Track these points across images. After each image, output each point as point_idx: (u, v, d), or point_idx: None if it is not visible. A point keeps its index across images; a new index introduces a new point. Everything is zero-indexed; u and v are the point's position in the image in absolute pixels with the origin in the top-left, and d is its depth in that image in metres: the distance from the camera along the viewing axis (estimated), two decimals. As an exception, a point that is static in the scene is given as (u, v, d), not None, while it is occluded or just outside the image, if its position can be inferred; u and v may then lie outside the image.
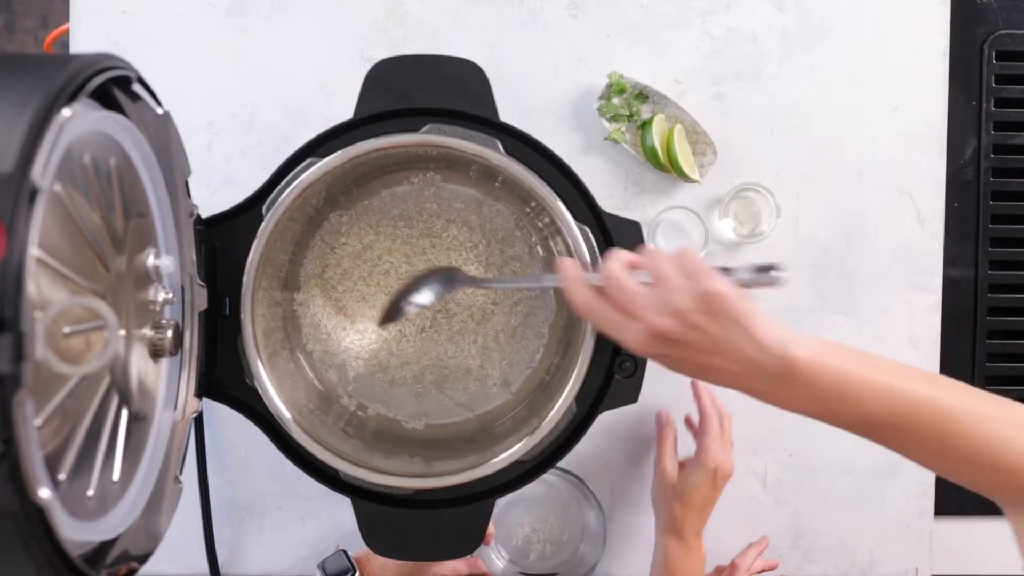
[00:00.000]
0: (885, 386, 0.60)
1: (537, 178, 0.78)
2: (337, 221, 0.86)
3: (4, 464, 0.45)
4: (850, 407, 0.60)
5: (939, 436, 0.60)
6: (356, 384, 0.88)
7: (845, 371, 0.60)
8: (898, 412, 0.60)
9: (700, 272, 0.60)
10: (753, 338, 0.59)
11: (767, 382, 0.61)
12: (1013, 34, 1.00)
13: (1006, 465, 0.58)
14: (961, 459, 0.60)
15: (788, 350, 0.59)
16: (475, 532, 0.79)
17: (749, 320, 0.59)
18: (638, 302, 0.61)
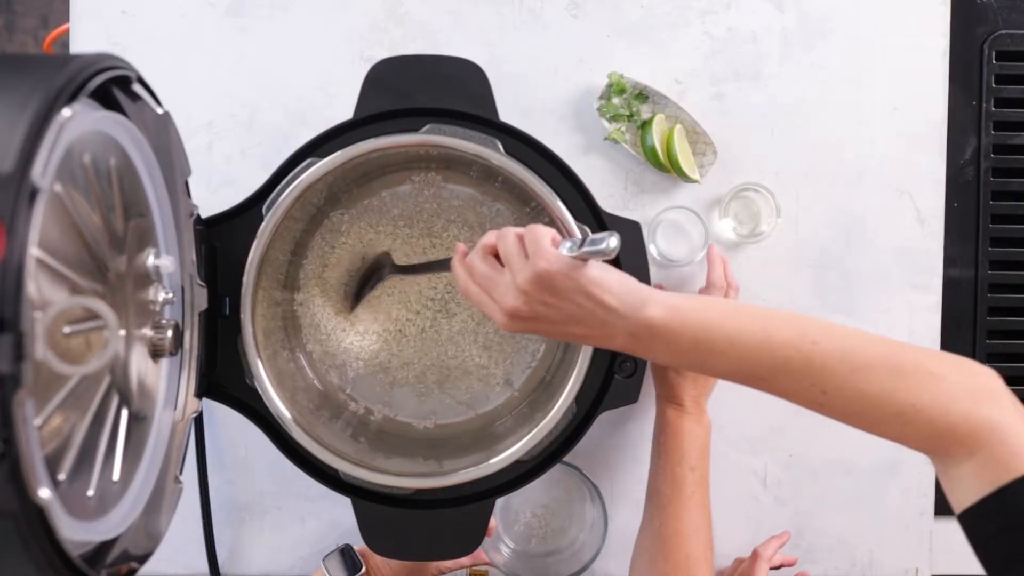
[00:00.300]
0: (753, 340, 0.60)
1: (537, 178, 0.78)
2: (337, 220, 0.86)
3: (4, 464, 0.45)
4: (718, 360, 0.61)
5: (816, 389, 0.60)
6: (356, 384, 0.88)
7: (708, 326, 0.61)
8: (769, 365, 0.60)
9: (535, 250, 0.62)
10: (604, 305, 0.61)
11: (629, 342, 0.63)
12: (1013, 34, 1.00)
13: (892, 419, 0.58)
14: (841, 410, 0.60)
15: (640, 312, 0.61)
16: (475, 532, 0.79)
17: (592, 289, 0.61)
18: (491, 284, 0.65)
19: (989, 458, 0.55)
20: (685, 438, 0.84)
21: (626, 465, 0.97)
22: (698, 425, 0.85)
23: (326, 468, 0.79)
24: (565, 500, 0.97)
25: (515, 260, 0.63)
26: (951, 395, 0.57)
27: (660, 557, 0.82)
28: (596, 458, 0.97)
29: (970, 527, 0.56)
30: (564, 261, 0.61)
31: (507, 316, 0.64)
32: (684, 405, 0.85)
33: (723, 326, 0.61)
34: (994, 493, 0.54)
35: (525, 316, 0.64)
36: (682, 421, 0.85)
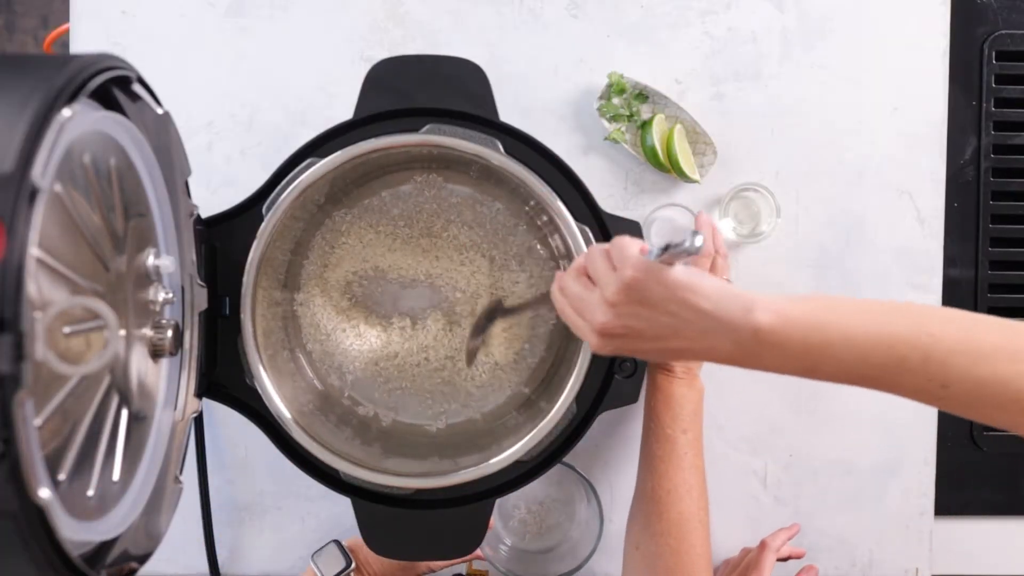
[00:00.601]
0: (867, 339, 0.57)
1: (537, 178, 0.78)
2: (338, 220, 0.86)
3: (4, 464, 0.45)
4: (831, 364, 0.58)
5: (935, 383, 0.57)
6: (356, 385, 0.88)
7: (820, 327, 0.57)
8: (885, 364, 0.57)
9: (622, 260, 0.59)
10: (701, 312, 0.57)
11: (734, 351, 0.58)
12: (1013, 34, 1.00)
13: (1010, 405, 0.55)
14: (962, 402, 0.57)
15: (746, 319, 0.57)
16: (475, 532, 0.79)
17: (685, 295, 0.57)
18: (582, 304, 0.62)
19: None
20: (676, 402, 0.83)
21: (626, 465, 0.97)
22: (690, 389, 0.83)
23: (326, 468, 0.79)
24: (561, 498, 0.98)
25: (603, 274, 0.60)
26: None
27: (654, 516, 0.80)
28: (596, 458, 0.97)
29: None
30: (651, 266, 0.57)
31: (598, 335, 0.61)
32: (674, 371, 0.84)
33: (835, 325, 0.57)
34: None
35: (618, 332, 0.60)
36: (673, 386, 0.83)
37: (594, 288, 0.61)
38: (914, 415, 0.96)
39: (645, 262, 0.57)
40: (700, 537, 0.80)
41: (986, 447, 0.98)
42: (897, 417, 0.96)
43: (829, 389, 0.96)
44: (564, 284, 0.64)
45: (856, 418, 0.97)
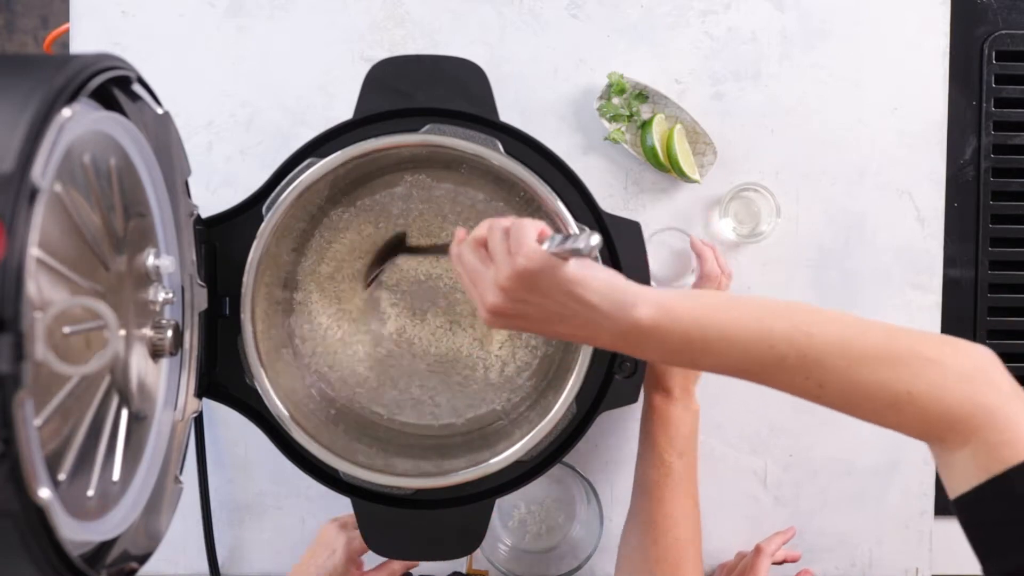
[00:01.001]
0: (746, 336, 0.59)
1: (537, 178, 0.78)
2: (337, 220, 0.86)
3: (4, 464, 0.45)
4: (711, 358, 0.60)
5: (811, 382, 0.59)
6: (356, 384, 0.88)
7: (700, 324, 0.59)
8: (764, 362, 0.59)
9: (518, 245, 0.60)
10: (588, 305, 0.60)
11: (617, 341, 0.61)
12: (1013, 34, 1.00)
13: (886, 410, 0.57)
14: (839, 402, 0.59)
15: (628, 313, 0.59)
16: (475, 532, 0.79)
17: (574, 288, 0.59)
18: (476, 277, 0.64)
19: (984, 445, 0.55)
20: (672, 425, 0.82)
21: (626, 465, 0.97)
22: (686, 411, 0.83)
23: (326, 468, 0.79)
24: (561, 498, 0.98)
25: (499, 256, 0.61)
26: (946, 381, 0.56)
27: (649, 541, 0.80)
28: (596, 458, 0.97)
29: (964, 513, 0.56)
30: (544, 258, 0.59)
31: (488, 312, 0.63)
32: (672, 392, 0.83)
33: (716, 323, 0.59)
34: (989, 482, 0.54)
35: (507, 313, 0.62)
36: (670, 408, 0.82)
37: (490, 264, 0.63)
38: (914, 415, 0.96)
39: (540, 254, 0.59)
40: (694, 563, 0.80)
41: (986, 447, 0.98)
42: (897, 417, 0.96)
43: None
44: (462, 252, 0.65)
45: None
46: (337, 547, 0.85)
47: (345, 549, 0.85)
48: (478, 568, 0.96)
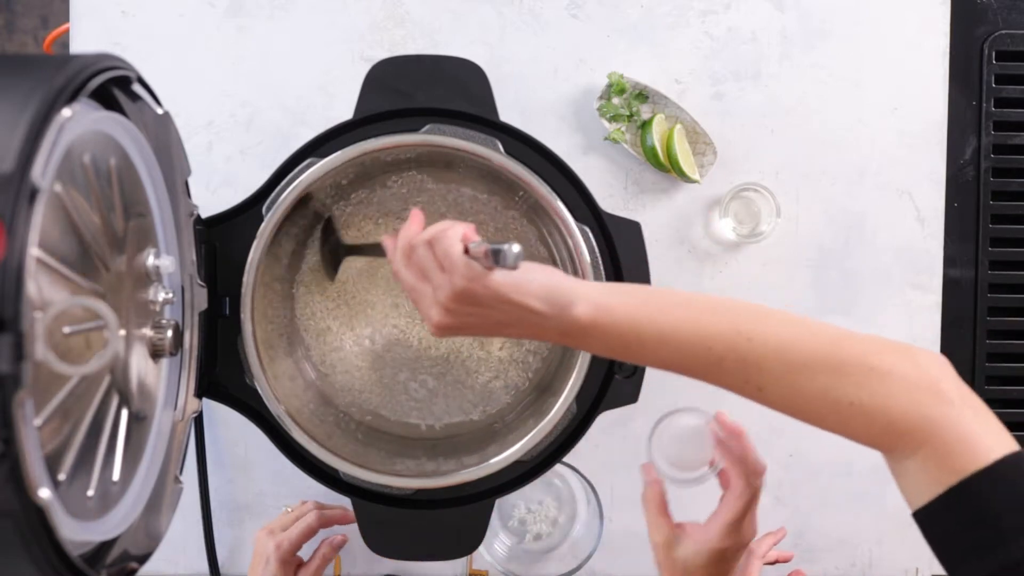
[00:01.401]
0: (684, 337, 0.59)
1: (537, 178, 0.78)
2: (338, 220, 0.86)
3: (4, 464, 0.45)
4: (650, 356, 0.60)
5: (751, 385, 0.59)
6: (356, 384, 0.88)
7: (637, 323, 0.59)
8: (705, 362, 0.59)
9: (449, 264, 0.61)
10: (529, 310, 0.60)
11: (562, 338, 0.62)
12: (1013, 34, 1.00)
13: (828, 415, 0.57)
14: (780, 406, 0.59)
15: (567, 313, 0.60)
16: (475, 532, 0.79)
17: (513, 296, 0.60)
18: (416, 295, 0.65)
19: (933, 456, 0.54)
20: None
21: (626, 465, 0.97)
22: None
23: (326, 468, 0.79)
24: (561, 498, 0.98)
25: (433, 275, 0.62)
26: (891, 391, 0.55)
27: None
28: (596, 458, 0.97)
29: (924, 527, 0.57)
30: (479, 274, 0.60)
31: (436, 328, 0.64)
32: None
33: (653, 322, 0.59)
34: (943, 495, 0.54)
35: (454, 327, 0.63)
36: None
37: (426, 283, 0.64)
38: (914, 415, 0.96)
39: (472, 270, 0.60)
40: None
41: (986, 447, 0.98)
42: (897, 417, 0.96)
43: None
44: (399, 271, 0.66)
45: (856, 418, 0.96)
46: (269, 554, 0.85)
47: (276, 554, 0.84)
48: (478, 568, 0.96)
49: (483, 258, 0.58)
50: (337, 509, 0.89)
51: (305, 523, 0.86)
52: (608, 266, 0.79)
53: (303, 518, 0.86)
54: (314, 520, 0.86)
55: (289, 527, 0.86)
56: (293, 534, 0.85)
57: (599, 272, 0.78)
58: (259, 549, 0.86)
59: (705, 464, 0.71)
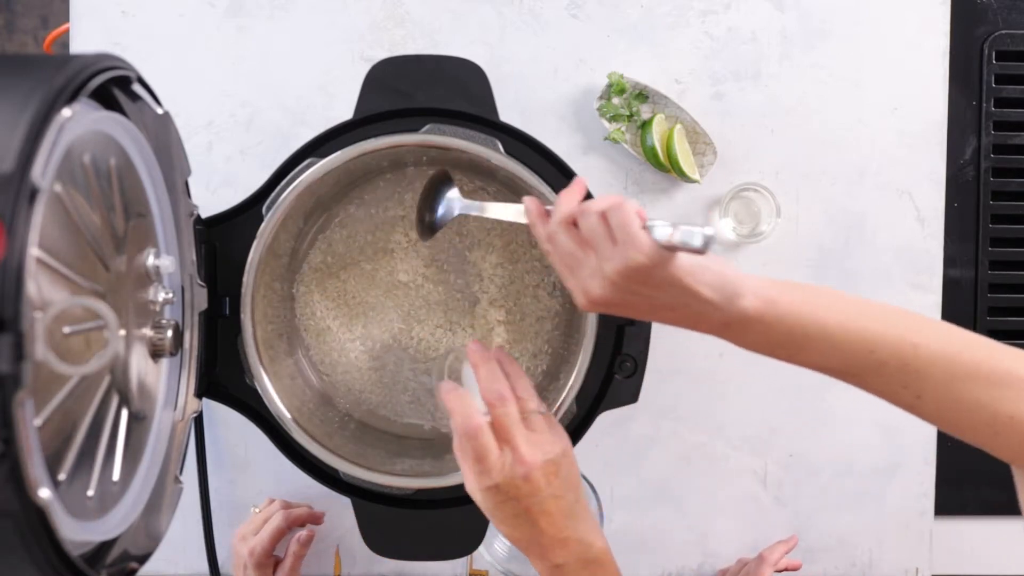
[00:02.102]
0: (850, 338, 0.58)
1: (537, 178, 0.78)
2: (338, 220, 0.86)
3: (4, 464, 0.45)
4: (811, 355, 0.59)
5: (909, 392, 0.58)
6: (357, 384, 0.88)
7: (803, 318, 0.58)
8: (864, 365, 0.58)
9: (625, 238, 0.58)
10: (697, 297, 0.58)
11: (720, 330, 0.61)
12: (1013, 34, 1.00)
13: (982, 427, 0.57)
14: (934, 415, 0.59)
15: (734, 304, 0.58)
16: (475, 532, 0.79)
17: (687, 280, 0.58)
18: (574, 263, 0.61)
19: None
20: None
21: (626, 465, 0.97)
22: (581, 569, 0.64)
23: (326, 468, 0.79)
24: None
25: (603, 246, 0.59)
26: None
27: None
28: (596, 458, 0.97)
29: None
30: (661, 255, 0.57)
31: (591, 302, 0.61)
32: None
33: (817, 320, 0.58)
34: None
35: (612, 303, 0.60)
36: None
37: (589, 252, 0.60)
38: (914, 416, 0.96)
39: (652, 247, 0.57)
40: None
41: (986, 447, 0.98)
42: (897, 417, 0.96)
43: (830, 389, 0.96)
44: (555, 236, 0.62)
45: (856, 418, 0.97)
46: (244, 559, 0.86)
47: (250, 560, 0.86)
48: (478, 568, 0.97)
49: (667, 243, 0.56)
50: (303, 507, 0.91)
51: (273, 525, 0.87)
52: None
53: (270, 520, 0.88)
54: (281, 521, 0.88)
55: (259, 528, 0.87)
56: (264, 537, 0.87)
57: (599, 272, 0.78)
58: (236, 556, 0.88)
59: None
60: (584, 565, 0.62)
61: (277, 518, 0.88)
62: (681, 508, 0.97)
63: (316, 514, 0.92)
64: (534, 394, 0.64)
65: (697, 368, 0.96)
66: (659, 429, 0.97)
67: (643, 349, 0.79)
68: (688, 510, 0.97)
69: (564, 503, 0.62)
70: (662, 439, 0.97)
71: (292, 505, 0.92)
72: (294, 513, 0.90)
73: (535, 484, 0.61)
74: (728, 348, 0.96)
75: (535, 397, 0.64)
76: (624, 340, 0.79)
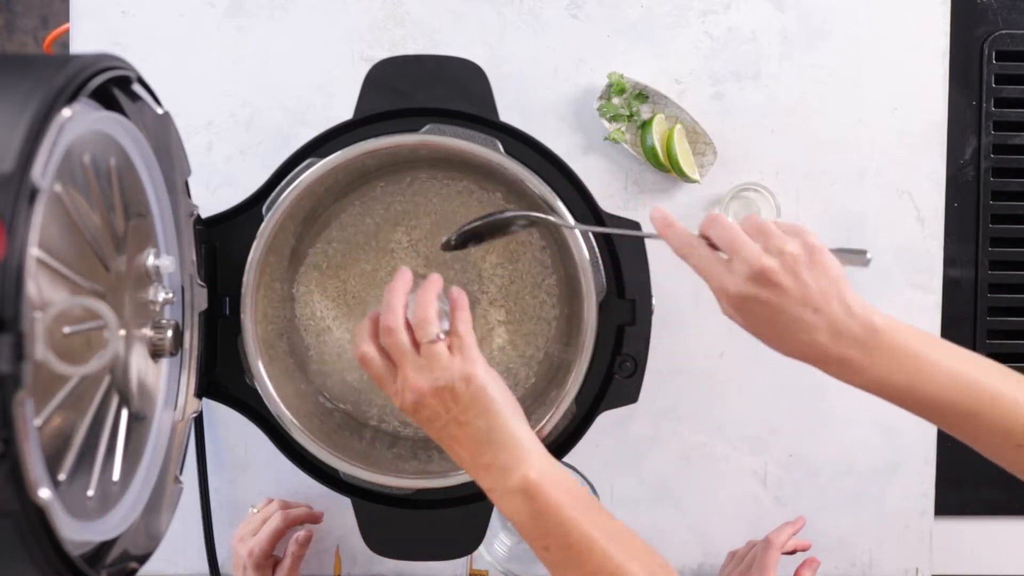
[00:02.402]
0: (959, 373, 0.61)
1: (537, 178, 0.78)
2: (338, 220, 0.86)
3: (4, 464, 0.45)
4: (925, 384, 0.61)
5: (1012, 440, 0.60)
6: (357, 384, 0.88)
7: (921, 348, 0.61)
8: (971, 405, 0.61)
9: (802, 230, 0.62)
10: (843, 298, 0.61)
11: (850, 347, 0.61)
12: (1013, 34, 1.00)
13: None
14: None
15: (872, 317, 0.61)
16: (475, 532, 0.79)
17: (842, 282, 0.61)
18: (741, 240, 0.62)
19: None
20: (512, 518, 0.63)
21: (626, 465, 0.97)
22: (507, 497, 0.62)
23: (326, 468, 0.79)
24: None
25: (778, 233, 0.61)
26: None
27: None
28: (596, 458, 0.97)
29: None
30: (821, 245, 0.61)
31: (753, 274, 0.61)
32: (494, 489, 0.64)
33: (936, 351, 0.62)
34: None
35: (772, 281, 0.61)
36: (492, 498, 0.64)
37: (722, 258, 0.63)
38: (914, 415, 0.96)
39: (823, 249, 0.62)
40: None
41: (986, 447, 0.98)
42: (897, 417, 0.96)
43: (829, 389, 0.96)
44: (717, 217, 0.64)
45: (856, 418, 0.97)
46: (244, 560, 0.87)
47: (249, 561, 0.86)
48: (478, 568, 0.97)
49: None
50: (302, 507, 0.91)
51: (272, 526, 0.88)
52: (608, 266, 0.79)
53: (269, 521, 0.88)
54: (280, 522, 0.88)
55: (258, 529, 0.87)
56: (262, 538, 0.87)
57: (598, 272, 0.78)
58: (236, 559, 0.88)
59: None
60: (509, 493, 0.61)
61: (276, 519, 0.88)
62: (681, 508, 0.97)
63: (315, 514, 0.93)
64: (436, 321, 0.64)
65: (697, 368, 0.96)
66: (659, 429, 0.97)
67: (643, 349, 0.79)
68: (688, 510, 0.97)
69: (472, 429, 0.62)
70: (662, 439, 0.97)
71: (291, 505, 0.92)
72: (292, 513, 0.90)
73: (432, 409, 0.62)
74: (728, 348, 0.97)
75: (434, 323, 0.63)
76: (624, 340, 0.79)
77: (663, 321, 0.95)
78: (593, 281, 0.77)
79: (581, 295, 0.78)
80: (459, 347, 0.64)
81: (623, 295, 0.79)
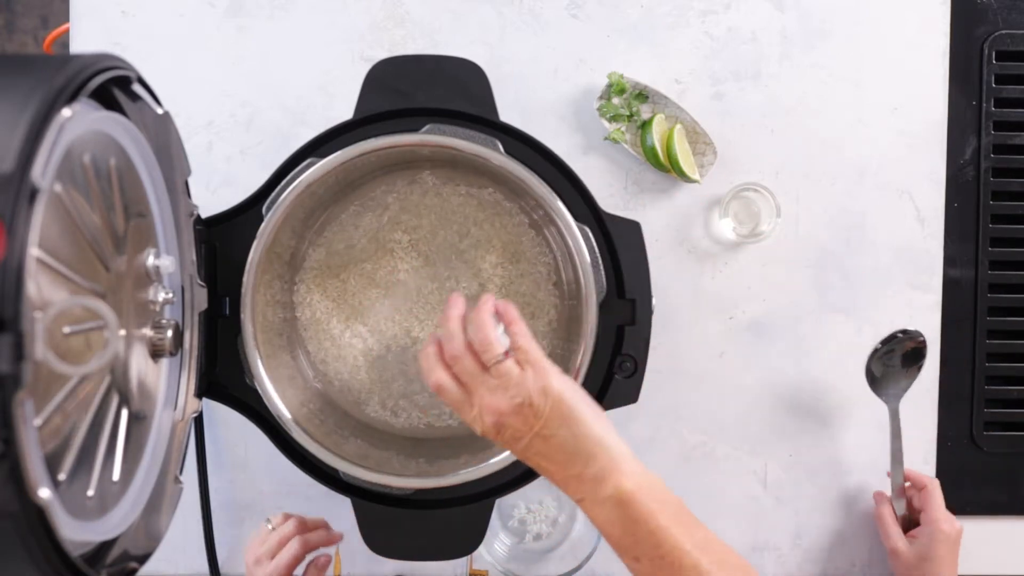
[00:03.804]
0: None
1: (537, 178, 0.78)
2: (339, 220, 0.86)
3: (4, 464, 0.45)
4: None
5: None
6: (356, 384, 0.88)
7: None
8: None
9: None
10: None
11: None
12: (1013, 34, 1.00)
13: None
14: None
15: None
16: (475, 532, 0.79)
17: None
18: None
19: None
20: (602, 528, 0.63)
21: (626, 465, 0.97)
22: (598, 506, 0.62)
23: (326, 468, 0.79)
24: (561, 498, 0.98)
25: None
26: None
27: None
28: (596, 458, 0.97)
29: None
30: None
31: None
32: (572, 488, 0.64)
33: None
34: None
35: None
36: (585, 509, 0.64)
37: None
38: (914, 415, 0.96)
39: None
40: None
41: (986, 447, 0.98)
42: (897, 417, 0.96)
43: (829, 389, 0.96)
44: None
45: (856, 418, 0.97)
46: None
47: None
48: (478, 568, 0.97)
49: None
50: (320, 531, 0.86)
51: (291, 552, 0.83)
52: (608, 266, 0.79)
53: (287, 547, 0.83)
54: (299, 548, 0.83)
55: (275, 552, 0.83)
56: (280, 565, 0.83)
57: (599, 272, 0.78)
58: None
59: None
60: (601, 503, 0.61)
61: (294, 545, 0.83)
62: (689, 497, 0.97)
63: (333, 536, 0.87)
64: (498, 341, 0.63)
65: (697, 368, 0.97)
66: (659, 429, 0.97)
67: (643, 349, 0.79)
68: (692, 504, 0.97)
69: (557, 440, 0.61)
70: (662, 439, 0.97)
71: (308, 525, 0.86)
72: (312, 539, 0.85)
73: (514, 428, 0.62)
74: (728, 348, 0.97)
75: (496, 343, 0.63)
76: (624, 340, 0.79)
77: (663, 321, 0.95)
78: (593, 281, 0.78)
79: (581, 295, 0.78)
80: (527, 360, 0.63)
81: (623, 295, 0.79)
